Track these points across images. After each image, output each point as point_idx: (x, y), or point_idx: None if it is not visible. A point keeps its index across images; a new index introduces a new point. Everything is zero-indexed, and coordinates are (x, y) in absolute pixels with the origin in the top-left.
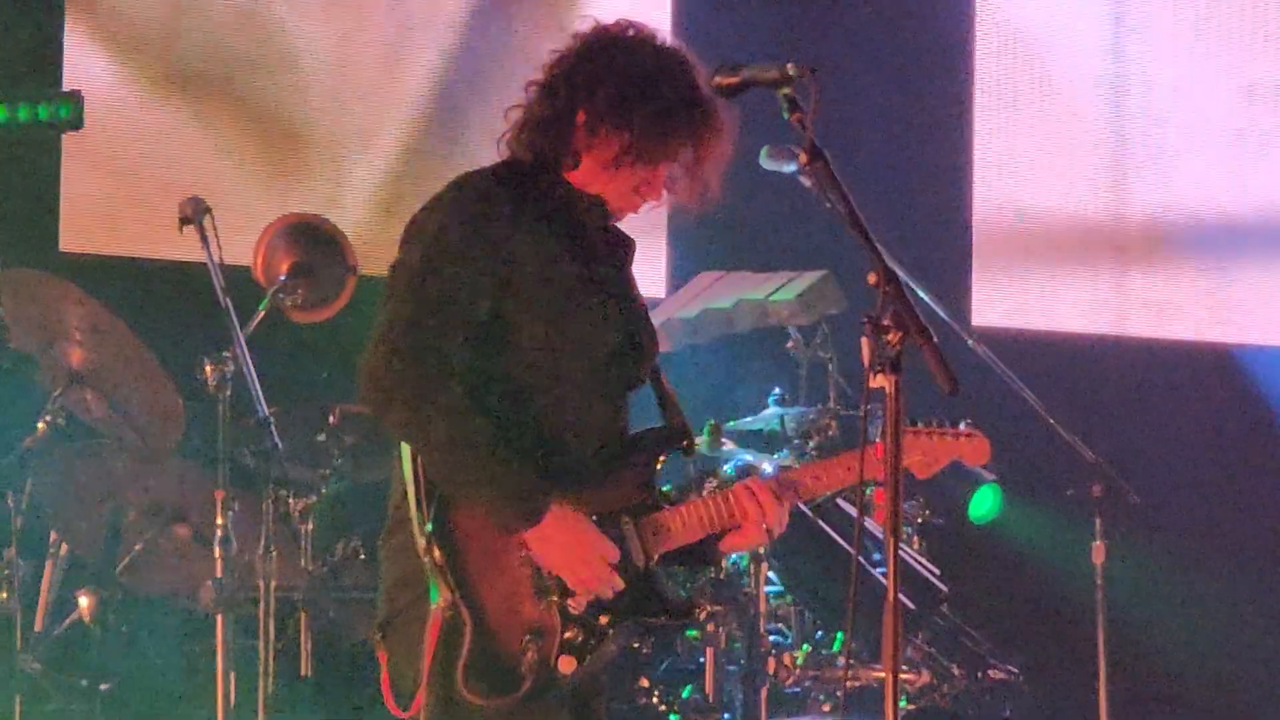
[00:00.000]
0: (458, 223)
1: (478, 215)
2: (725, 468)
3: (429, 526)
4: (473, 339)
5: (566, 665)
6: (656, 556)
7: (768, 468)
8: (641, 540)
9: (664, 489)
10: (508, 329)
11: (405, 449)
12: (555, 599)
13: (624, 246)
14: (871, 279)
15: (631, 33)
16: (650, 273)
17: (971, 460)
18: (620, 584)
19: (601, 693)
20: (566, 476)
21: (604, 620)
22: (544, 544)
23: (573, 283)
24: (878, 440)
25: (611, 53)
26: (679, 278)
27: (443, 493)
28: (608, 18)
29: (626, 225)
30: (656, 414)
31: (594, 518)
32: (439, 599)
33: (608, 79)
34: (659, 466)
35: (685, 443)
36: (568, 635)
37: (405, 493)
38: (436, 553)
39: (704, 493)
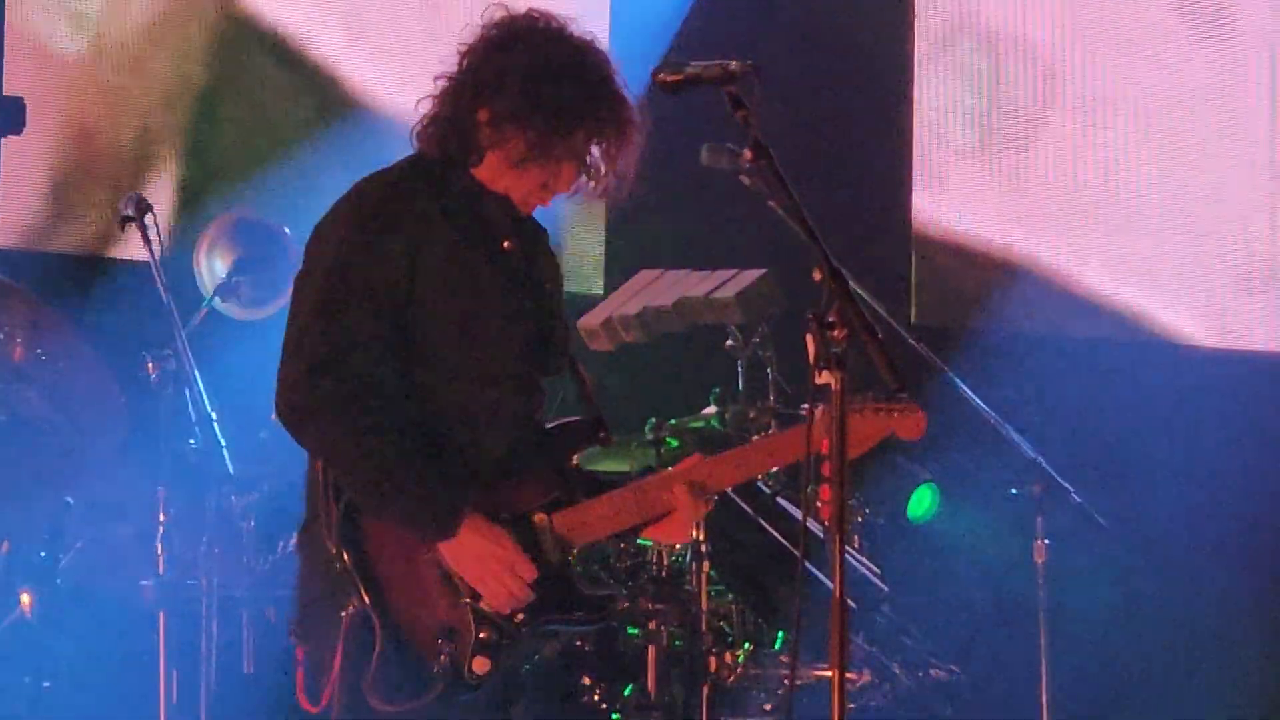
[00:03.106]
0: (359, 229)
1: (378, 222)
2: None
3: (337, 532)
4: (380, 347)
5: (480, 665)
6: (574, 552)
7: None
8: (556, 535)
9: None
10: (414, 328)
11: None
12: (468, 600)
13: (536, 237)
14: (816, 275)
15: (540, 25)
16: (589, 271)
17: (905, 435)
18: (530, 598)
19: (522, 696)
20: (479, 474)
21: (519, 619)
22: (458, 557)
23: (477, 278)
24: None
25: (515, 48)
26: (618, 276)
27: (350, 499)
28: (519, 6)
29: (562, 223)
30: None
31: (506, 516)
32: (349, 604)
33: (510, 78)
34: (575, 460)
35: (601, 434)
36: (482, 635)
37: (317, 489)
38: (345, 557)
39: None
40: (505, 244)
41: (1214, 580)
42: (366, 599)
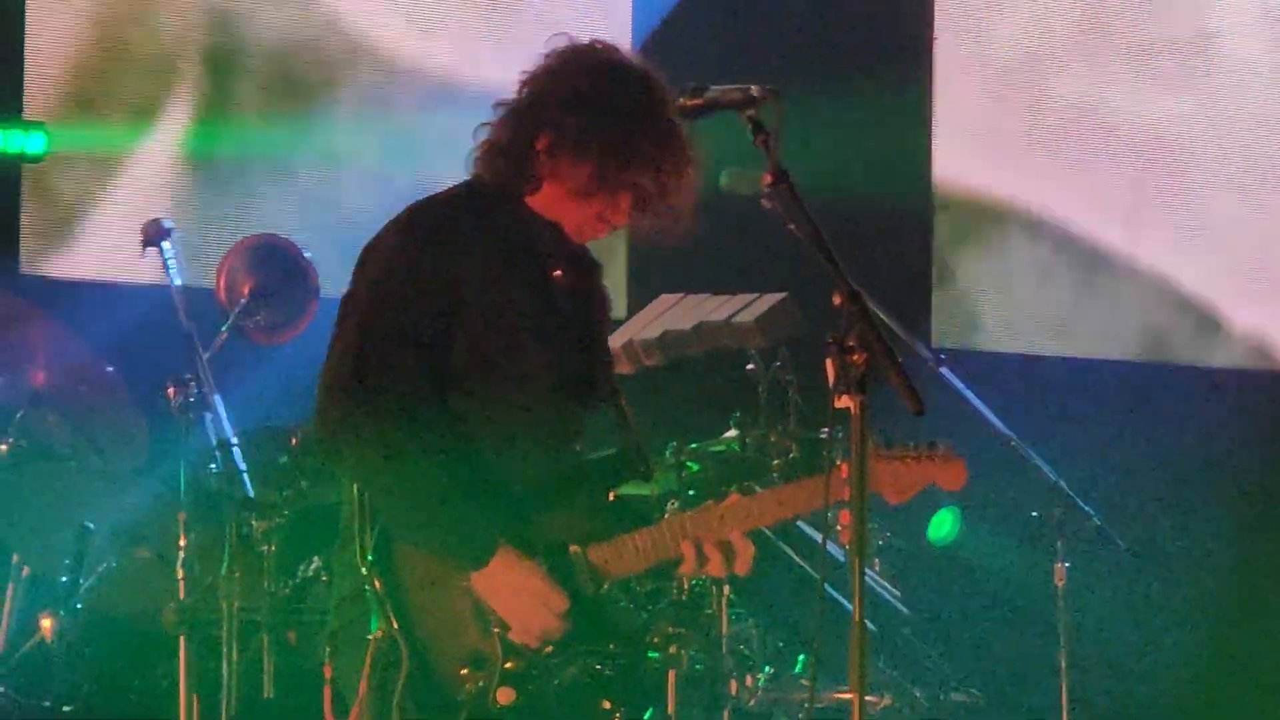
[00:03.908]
0: (407, 253)
1: (427, 245)
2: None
3: (370, 556)
4: (422, 373)
5: (505, 696)
6: (606, 584)
7: None
8: (591, 567)
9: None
10: (457, 355)
11: None
12: (498, 630)
13: (588, 269)
14: (837, 300)
15: (602, 55)
16: (610, 295)
17: (946, 485)
18: (560, 632)
19: None
20: (516, 504)
21: (548, 651)
22: (490, 587)
23: (522, 310)
24: (841, 462)
25: (576, 78)
26: (639, 300)
27: (384, 524)
28: (582, 36)
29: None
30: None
31: (541, 546)
32: (377, 628)
33: (570, 107)
34: (612, 495)
35: (642, 469)
36: (508, 665)
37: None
38: (377, 582)
39: (665, 516)
40: (555, 274)
41: (1236, 603)
42: (395, 623)
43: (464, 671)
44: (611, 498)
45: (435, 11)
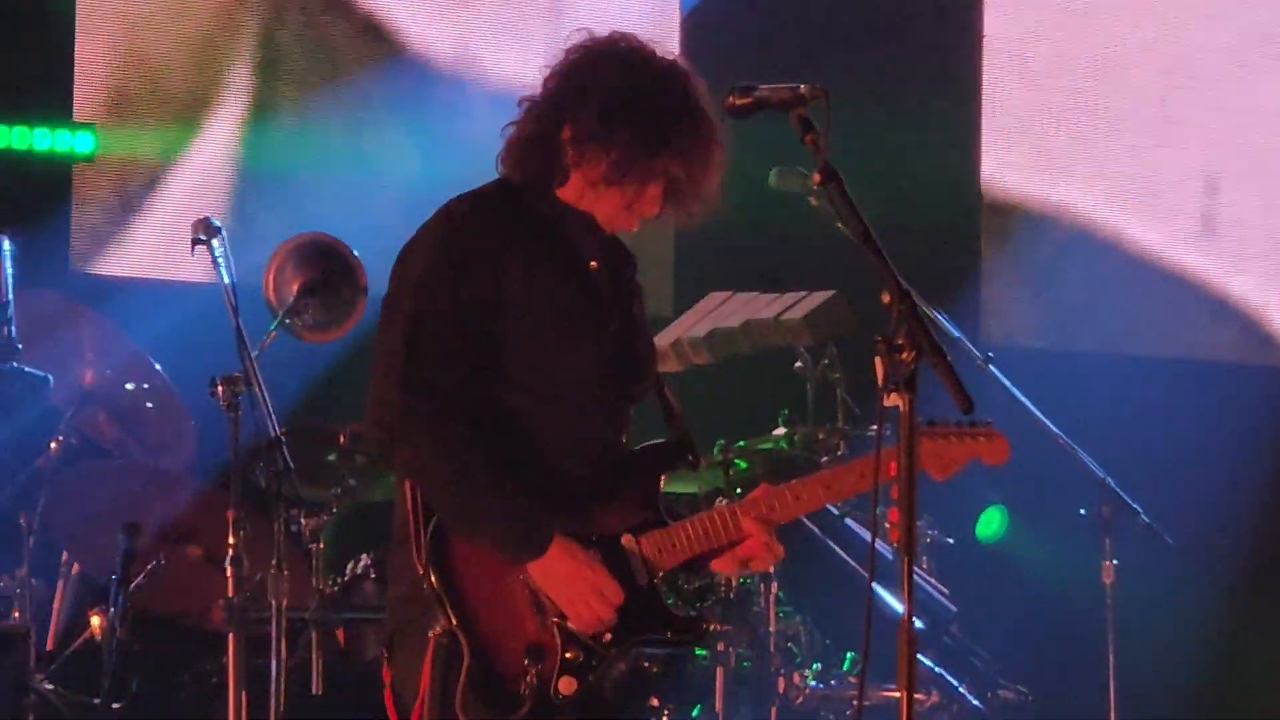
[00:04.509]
0: (445, 250)
1: (465, 240)
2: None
3: (426, 554)
4: (469, 367)
5: (567, 686)
6: (660, 573)
7: None
8: (644, 558)
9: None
10: (502, 351)
11: None
12: (555, 619)
13: (624, 262)
14: (885, 298)
15: (623, 46)
16: (658, 293)
17: (990, 460)
18: (616, 620)
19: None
20: (567, 497)
21: (606, 640)
22: (546, 577)
23: (564, 301)
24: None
25: (599, 68)
26: (687, 298)
27: (440, 521)
28: (603, 30)
29: (631, 243)
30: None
31: (594, 538)
32: (436, 625)
33: (593, 96)
34: (662, 483)
35: (690, 458)
36: (568, 655)
37: (407, 513)
38: (433, 578)
39: (714, 506)
40: (591, 265)
41: None
42: (453, 619)
43: (524, 663)
44: (661, 486)
45: (489, 15)
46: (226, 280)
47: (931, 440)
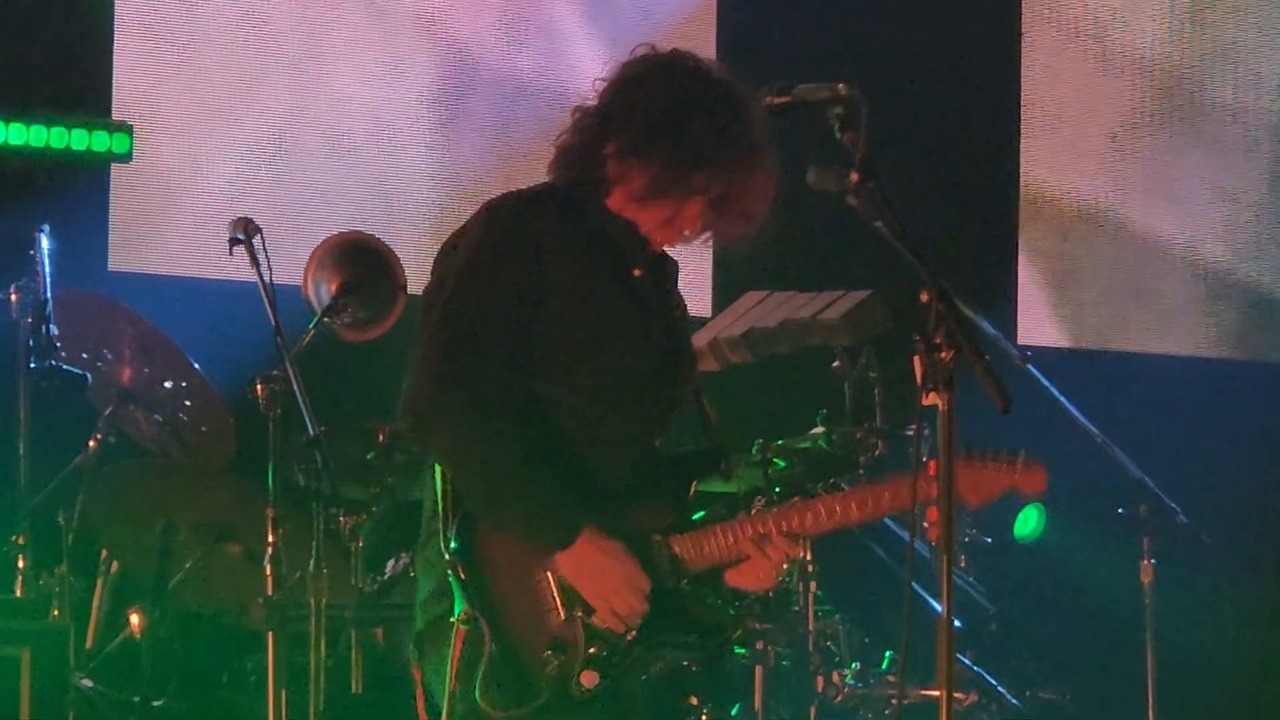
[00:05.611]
0: (490, 245)
1: (509, 237)
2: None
3: (453, 543)
4: (508, 358)
5: (589, 679)
6: (687, 578)
7: None
8: (673, 559)
9: (698, 516)
10: (543, 348)
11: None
12: (580, 614)
13: (666, 267)
14: (924, 297)
15: (678, 62)
16: (695, 292)
17: (1027, 489)
18: (644, 615)
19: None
20: (598, 492)
21: (631, 637)
22: (575, 567)
23: (607, 302)
24: (929, 460)
25: (647, 84)
26: (724, 297)
27: (468, 509)
28: (664, 44)
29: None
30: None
31: (624, 534)
32: (459, 612)
33: (637, 112)
34: (693, 489)
35: (722, 468)
36: (591, 650)
37: (436, 506)
38: (460, 568)
39: (751, 512)
40: (635, 271)
41: None
42: (476, 604)
43: (546, 654)
44: (692, 492)
45: (524, 15)
46: (266, 279)
47: (968, 470)
